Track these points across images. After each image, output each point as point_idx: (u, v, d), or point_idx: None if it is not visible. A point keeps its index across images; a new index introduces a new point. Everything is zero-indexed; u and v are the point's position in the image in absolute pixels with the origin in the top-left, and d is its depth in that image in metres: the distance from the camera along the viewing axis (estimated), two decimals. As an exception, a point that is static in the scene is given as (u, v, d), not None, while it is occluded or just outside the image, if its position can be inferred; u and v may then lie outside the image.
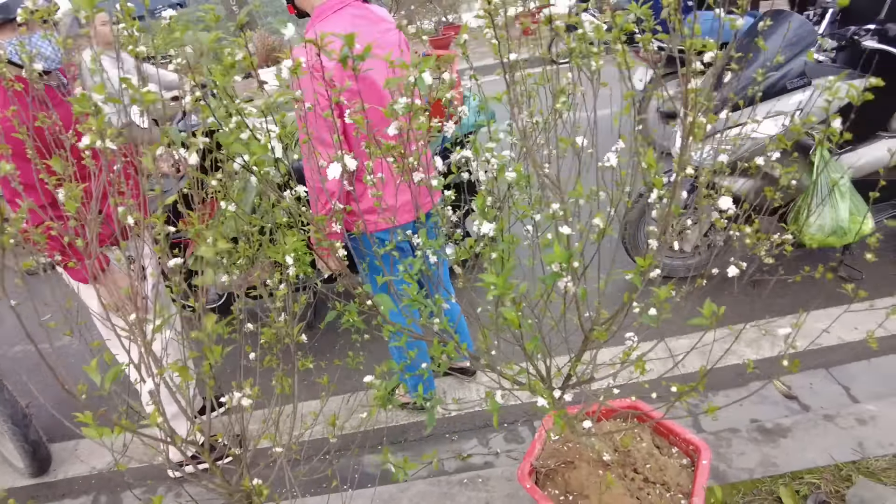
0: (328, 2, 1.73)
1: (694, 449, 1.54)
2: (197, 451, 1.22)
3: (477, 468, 2.17)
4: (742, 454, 1.88)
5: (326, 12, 1.72)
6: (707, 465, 1.48)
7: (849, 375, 2.32)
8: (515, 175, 1.05)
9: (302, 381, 1.84)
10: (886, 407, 1.95)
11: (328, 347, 2.96)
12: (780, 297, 2.80)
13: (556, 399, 1.13)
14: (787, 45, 2.33)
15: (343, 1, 1.73)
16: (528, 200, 1.08)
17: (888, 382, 2.22)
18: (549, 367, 1.20)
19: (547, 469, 1.58)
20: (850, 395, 2.24)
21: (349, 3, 1.74)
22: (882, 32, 2.33)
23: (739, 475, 1.81)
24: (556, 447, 1.64)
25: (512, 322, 0.82)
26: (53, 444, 2.62)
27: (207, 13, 0.96)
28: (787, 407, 2.22)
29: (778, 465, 1.81)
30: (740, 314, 2.74)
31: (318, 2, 1.74)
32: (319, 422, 1.72)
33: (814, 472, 1.76)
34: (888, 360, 2.35)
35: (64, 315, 1.24)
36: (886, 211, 2.76)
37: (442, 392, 2.57)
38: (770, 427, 1.96)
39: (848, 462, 1.77)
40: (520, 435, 2.30)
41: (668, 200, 0.93)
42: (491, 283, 0.77)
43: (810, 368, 2.38)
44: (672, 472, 1.51)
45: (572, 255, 0.83)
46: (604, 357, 2.34)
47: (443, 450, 2.29)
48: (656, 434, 1.65)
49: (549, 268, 0.90)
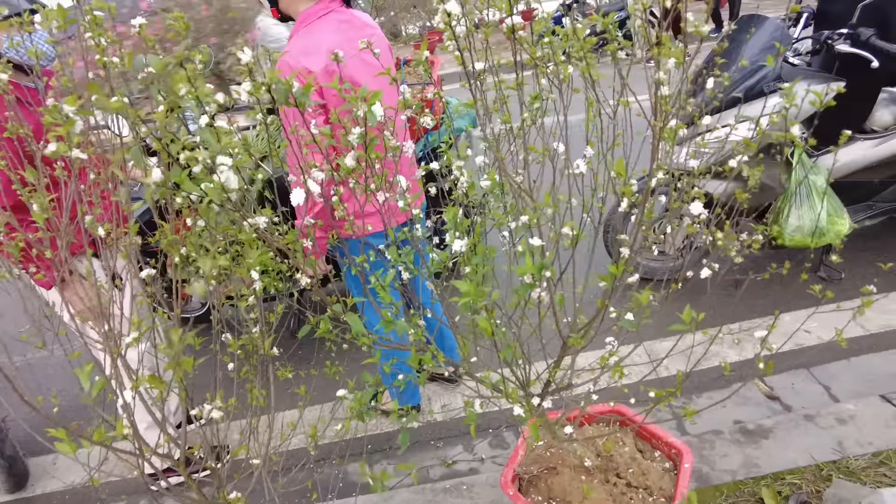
0: (313, 7, 1.73)
1: (676, 452, 1.55)
2: (172, 464, 1.20)
3: (462, 475, 2.16)
4: (725, 456, 1.89)
5: (311, 17, 1.73)
6: (689, 468, 1.48)
7: (829, 375, 2.34)
8: (490, 183, 1.05)
9: (285, 389, 1.82)
10: (865, 406, 1.97)
11: (311, 355, 2.94)
12: (761, 297, 2.83)
13: (536, 406, 1.12)
14: (763, 50, 2.36)
15: (328, 7, 1.74)
16: (503, 208, 1.08)
17: (867, 381, 2.25)
18: (528, 374, 1.20)
19: (530, 475, 1.58)
20: (830, 394, 2.26)
21: (334, 8, 1.75)
22: (854, 37, 2.37)
23: (722, 477, 1.82)
24: (539, 453, 1.64)
25: (485, 331, 0.82)
26: (31, 459, 2.57)
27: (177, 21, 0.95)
28: (770, 407, 2.24)
29: (760, 467, 1.82)
30: (723, 315, 2.76)
31: (303, 7, 1.74)
32: (299, 431, 1.70)
33: (795, 473, 1.77)
34: (867, 359, 2.38)
35: (37, 326, 1.21)
36: (863, 211, 2.80)
37: (427, 398, 2.56)
38: (752, 428, 1.97)
39: (828, 462, 1.78)
40: (505, 440, 2.29)
41: (641, 207, 0.94)
42: (463, 291, 0.76)
43: (792, 369, 2.40)
44: (654, 477, 1.51)
45: (543, 266, 0.83)
46: (584, 361, 2.35)
47: (428, 456, 2.28)
48: (639, 438, 1.65)
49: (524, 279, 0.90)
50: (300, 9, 1.75)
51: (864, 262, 2.99)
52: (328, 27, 1.72)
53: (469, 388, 1.25)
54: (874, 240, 3.20)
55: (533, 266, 0.83)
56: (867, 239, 3.21)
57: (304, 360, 2.93)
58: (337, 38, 1.70)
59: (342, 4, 1.81)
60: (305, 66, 1.61)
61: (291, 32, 1.78)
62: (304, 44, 1.68)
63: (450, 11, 0.78)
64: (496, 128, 1.05)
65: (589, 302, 1.25)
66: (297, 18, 1.77)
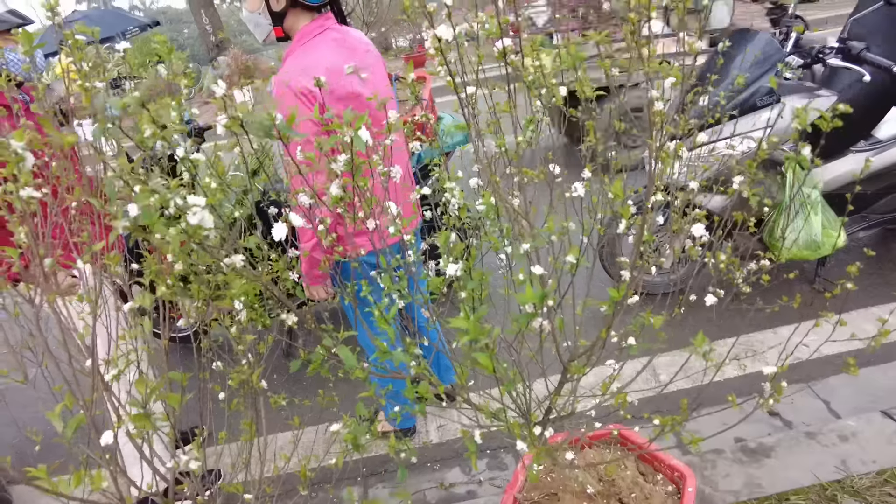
0: (309, 25, 1.75)
1: (679, 475, 1.51)
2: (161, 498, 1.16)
3: (460, 498, 2.11)
4: (727, 476, 1.85)
5: (308, 36, 1.74)
6: (693, 492, 1.45)
7: (828, 389, 2.32)
8: (485, 207, 1.02)
9: (279, 411, 1.78)
10: (867, 423, 1.95)
11: (306, 377, 2.89)
12: (760, 311, 2.81)
13: (538, 436, 1.09)
14: (754, 64, 2.36)
15: (323, 24, 1.76)
16: (499, 231, 1.05)
17: (867, 396, 2.23)
18: (529, 402, 1.16)
19: (531, 502, 1.54)
20: (830, 409, 2.24)
21: (329, 26, 1.77)
22: (845, 51, 2.38)
23: (725, 498, 1.78)
24: (539, 478, 1.60)
25: (486, 368, 0.79)
26: (14, 487, 2.50)
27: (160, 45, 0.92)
28: (770, 423, 2.21)
29: (763, 487, 1.79)
30: (722, 328, 2.74)
31: (301, 25, 1.76)
32: (294, 458, 1.65)
33: (799, 493, 1.74)
34: (866, 373, 2.36)
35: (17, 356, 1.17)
36: (858, 223, 2.80)
37: (422, 419, 2.51)
38: (754, 447, 1.94)
39: (832, 481, 1.75)
40: (503, 462, 2.25)
41: (639, 228, 0.91)
42: (462, 328, 0.73)
43: (791, 383, 2.37)
44: (657, 501, 1.48)
45: (545, 294, 0.80)
46: (585, 381, 2.31)
47: (424, 479, 2.23)
48: (641, 461, 1.62)
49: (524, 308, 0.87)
50: (298, 27, 1.76)
51: (860, 275, 2.98)
52: (326, 45, 1.73)
53: (468, 417, 1.22)
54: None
55: (534, 295, 0.80)
56: (861, 251, 3.22)
57: (298, 382, 2.88)
58: (335, 57, 1.71)
59: (336, 22, 1.81)
60: (305, 86, 1.60)
61: (287, 51, 1.77)
62: (303, 63, 1.68)
63: (440, 37, 0.76)
64: (490, 150, 1.03)
65: (588, 322, 1.22)
66: (294, 37, 1.77)
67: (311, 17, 1.76)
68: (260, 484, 1.24)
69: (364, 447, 0.90)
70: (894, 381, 2.16)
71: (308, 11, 1.75)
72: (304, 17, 1.75)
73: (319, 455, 2.32)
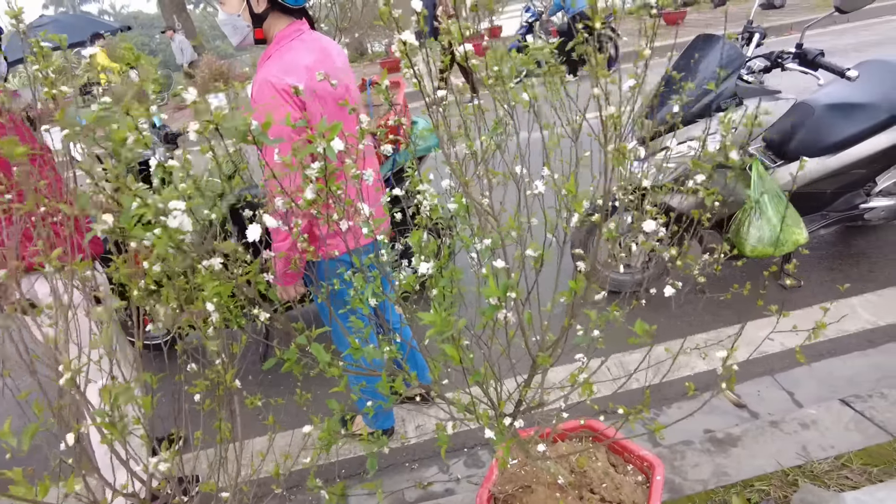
0: (286, 29, 1.80)
1: (648, 465, 1.56)
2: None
3: (438, 496, 2.13)
4: (696, 466, 1.91)
5: (286, 39, 1.79)
6: (661, 480, 1.50)
7: (792, 381, 2.41)
8: (456, 206, 1.06)
9: (256, 415, 1.78)
10: (826, 411, 2.03)
11: (280, 380, 2.89)
12: (725, 307, 2.90)
13: (508, 427, 1.12)
14: (717, 69, 2.45)
15: (299, 28, 1.81)
16: (470, 230, 1.09)
17: (827, 385, 2.32)
18: (500, 394, 1.20)
19: (505, 495, 1.57)
20: (794, 399, 2.32)
21: (304, 30, 1.83)
22: (801, 55, 2.48)
23: (694, 487, 1.84)
24: (513, 472, 1.64)
25: (453, 358, 0.82)
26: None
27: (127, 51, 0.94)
28: (738, 415, 2.29)
29: (730, 475, 1.85)
30: (689, 324, 2.82)
31: (278, 29, 1.80)
32: (270, 460, 1.66)
33: (763, 479, 1.81)
34: (827, 364, 2.45)
35: None
36: (818, 221, 2.91)
37: (400, 420, 2.53)
38: (721, 437, 2.01)
39: (794, 467, 1.83)
40: (480, 459, 2.28)
41: (599, 227, 0.96)
42: (429, 321, 0.76)
43: (757, 376, 2.46)
44: (628, 490, 1.53)
45: (508, 286, 0.84)
46: (555, 377, 2.36)
47: (402, 479, 2.25)
48: (611, 452, 1.66)
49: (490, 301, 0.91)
50: (276, 31, 1.81)
51: (821, 269, 3.10)
52: (303, 47, 1.78)
53: (442, 409, 1.25)
54: (829, 248, 3.33)
55: (497, 289, 0.84)
56: (824, 247, 3.34)
57: (273, 385, 2.87)
58: (312, 58, 1.76)
59: (308, 26, 1.87)
60: (289, 83, 1.64)
61: (265, 54, 1.82)
62: (284, 64, 1.73)
63: (406, 41, 0.79)
64: (460, 152, 1.06)
65: (557, 320, 1.27)
66: (271, 40, 1.82)
67: (289, 21, 1.80)
68: (236, 481, 1.25)
69: (334, 444, 0.92)
70: (853, 370, 2.25)
71: (286, 15, 1.80)
72: (282, 21, 1.80)
73: (295, 456, 2.33)
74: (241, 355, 1.23)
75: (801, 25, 8.71)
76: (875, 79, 2.71)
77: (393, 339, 1.12)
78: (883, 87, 2.67)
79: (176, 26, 12.74)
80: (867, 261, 3.12)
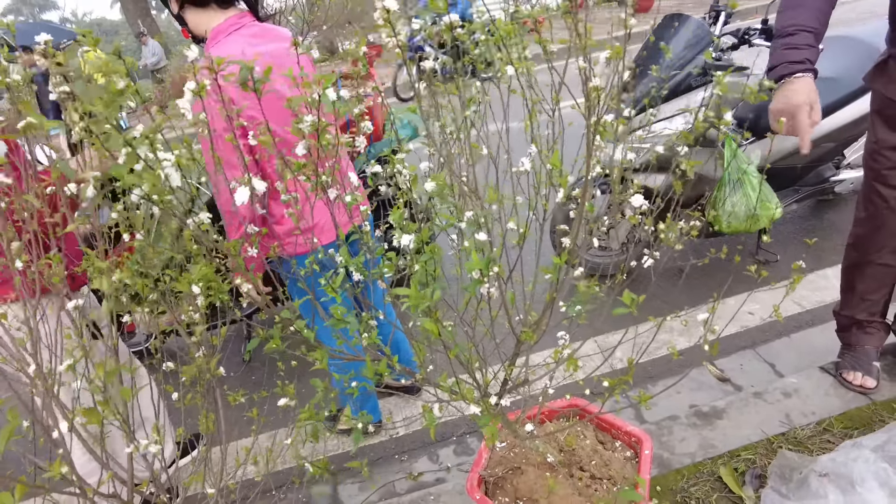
0: (222, 24, 1.69)
1: (636, 440, 1.57)
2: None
3: (429, 485, 2.12)
4: (683, 440, 1.93)
5: (222, 34, 1.69)
6: (649, 454, 1.51)
7: (773, 353, 2.45)
8: (435, 186, 1.04)
9: (240, 415, 1.75)
10: (806, 378, 2.07)
11: (264, 380, 2.85)
12: (705, 284, 2.94)
13: (494, 405, 1.12)
14: (687, 46, 2.47)
15: (238, 22, 1.70)
16: (451, 209, 1.08)
17: (807, 355, 2.37)
18: (485, 374, 1.19)
19: (495, 478, 1.57)
20: (776, 370, 2.36)
21: (245, 23, 1.71)
22: (767, 31, 2.51)
23: (682, 460, 1.86)
24: (502, 454, 1.63)
25: (431, 331, 0.81)
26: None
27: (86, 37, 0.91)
28: (722, 389, 2.32)
29: (716, 447, 1.88)
30: (669, 302, 2.85)
31: (213, 24, 1.70)
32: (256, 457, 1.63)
33: (749, 449, 1.83)
34: (806, 334, 2.51)
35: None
36: (791, 196, 2.96)
37: (388, 412, 2.52)
38: (707, 411, 2.03)
39: (778, 435, 1.86)
40: (469, 447, 2.28)
41: (580, 200, 0.95)
42: (404, 294, 0.75)
43: (739, 350, 2.50)
44: (617, 466, 1.53)
45: (490, 260, 0.82)
46: (540, 358, 2.37)
47: (393, 470, 2.24)
48: (599, 430, 1.67)
49: (473, 276, 0.90)
50: (211, 26, 1.70)
51: (796, 243, 3.16)
52: (241, 39, 1.68)
53: (430, 394, 1.24)
54: (803, 222, 3.40)
55: (480, 262, 0.82)
56: (797, 221, 3.41)
57: (257, 385, 2.83)
58: (251, 51, 1.65)
59: (253, 19, 1.76)
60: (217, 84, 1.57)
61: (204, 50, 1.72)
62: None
63: (388, 8, 0.77)
64: (442, 129, 1.05)
65: (539, 299, 1.26)
66: (207, 37, 1.72)
67: (225, 17, 1.70)
68: (221, 479, 1.23)
69: (323, 431, 0.90)
70: (831, 340, 2.28)
71: (221, 10, 1.70)
72: (217, 17, 1.70)
73: (284, 452, 2.30)
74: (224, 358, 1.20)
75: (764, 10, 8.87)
76: (839, 53, 2.76)
77: (376, 315, 1.10)
78: (846, 60, 2.72)
79: (143, 31, 12.50)
80: (839, 233, 3.18)
